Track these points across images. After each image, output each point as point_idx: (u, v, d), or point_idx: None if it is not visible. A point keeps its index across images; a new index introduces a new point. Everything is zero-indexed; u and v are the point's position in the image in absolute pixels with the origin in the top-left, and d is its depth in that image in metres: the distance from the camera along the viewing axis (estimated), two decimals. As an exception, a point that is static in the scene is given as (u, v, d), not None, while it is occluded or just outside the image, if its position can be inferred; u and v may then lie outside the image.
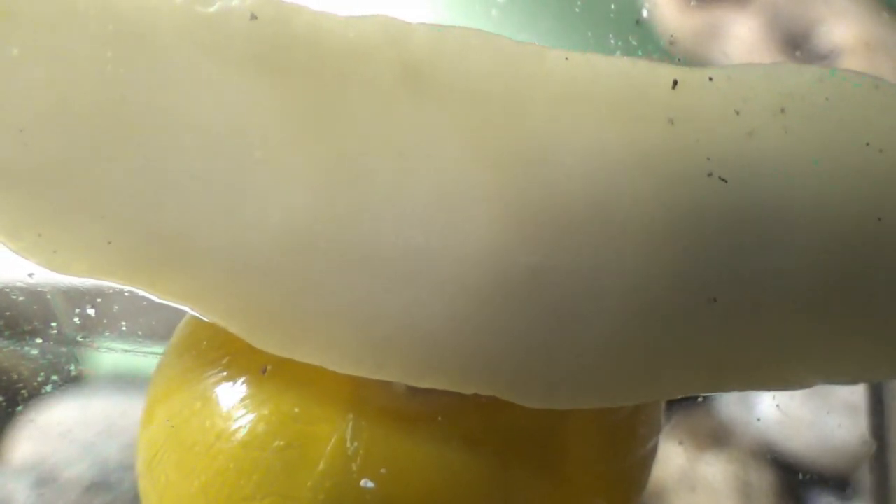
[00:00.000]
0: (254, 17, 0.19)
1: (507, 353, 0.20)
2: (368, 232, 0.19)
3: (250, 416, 0.22)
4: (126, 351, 0.33)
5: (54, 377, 0.34)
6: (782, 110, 0.20)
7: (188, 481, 0.22)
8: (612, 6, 0.36)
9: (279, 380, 0.22)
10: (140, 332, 0.33)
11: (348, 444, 0.22)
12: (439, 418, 0.22)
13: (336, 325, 0.20)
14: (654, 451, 0.25)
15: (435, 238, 0.19)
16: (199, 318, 0.23)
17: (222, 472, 0.22)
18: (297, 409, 0.22)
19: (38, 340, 0.33)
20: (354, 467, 0.21)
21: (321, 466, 0.21)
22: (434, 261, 0.19)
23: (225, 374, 0.23)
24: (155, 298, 0.21)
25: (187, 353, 0.24)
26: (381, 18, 0.19)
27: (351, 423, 0.22)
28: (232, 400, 0.22)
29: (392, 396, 0.22)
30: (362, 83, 0.19)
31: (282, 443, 0.22)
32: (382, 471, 0.22)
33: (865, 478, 0.47)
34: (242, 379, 0.22)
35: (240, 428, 0.22)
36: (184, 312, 0.23)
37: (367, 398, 0.22)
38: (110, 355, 0.37)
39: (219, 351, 0.23)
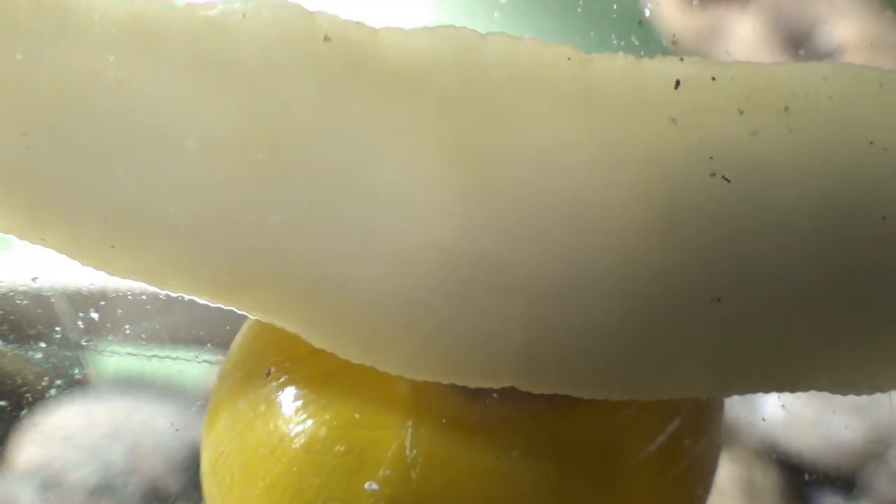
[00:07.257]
0: (327, 38, 0.19)
1: (494, 339, 0.20)
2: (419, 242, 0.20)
3: (312, 421, 0.22)
4: (130, 354, 0.34)
5: (58, 381, 0.34)
6: (786, 109, 0.19)
7: (252, 482, 0.22)
8: (615, 6, 0.36)
9: (340, 386, 0.22)
10: (144, 336, 0.33)
11: (408, 452, 0.22)
12: (499, 427, 0.22)
13: (407, 333, 0.20)
14: (714, 467, 0.25)
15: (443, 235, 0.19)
16: (259, 324, 0.23)
17: (285, 474, 0.22)
18: (357, 415, 0.22)
19: (43, 345, 0.33)
20: (414, 474, 0.22)
21: (381, 473, 0.22)
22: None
23: (287, 378, 0.23)
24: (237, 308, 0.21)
25: (249, 357, 0.24)
26: (449, 31, 0.19)
27: (410, 431, 0.22)
28: (294, 404, 0.23)
29: (451, 404, 0.22)
30: (432, 95, 0.19)
31: (342, 448, 0.22)
32: (441, 478, 0.22)
33: (871, 477, 0.47)
34: (304, 384, 0.23)
35: (302, 432, 0.22)
36: (192, 318, 0.23)
37: (426, 405, 0.22)
38: (114, 359, 0.37)
39: (281, 356, 0.23)
